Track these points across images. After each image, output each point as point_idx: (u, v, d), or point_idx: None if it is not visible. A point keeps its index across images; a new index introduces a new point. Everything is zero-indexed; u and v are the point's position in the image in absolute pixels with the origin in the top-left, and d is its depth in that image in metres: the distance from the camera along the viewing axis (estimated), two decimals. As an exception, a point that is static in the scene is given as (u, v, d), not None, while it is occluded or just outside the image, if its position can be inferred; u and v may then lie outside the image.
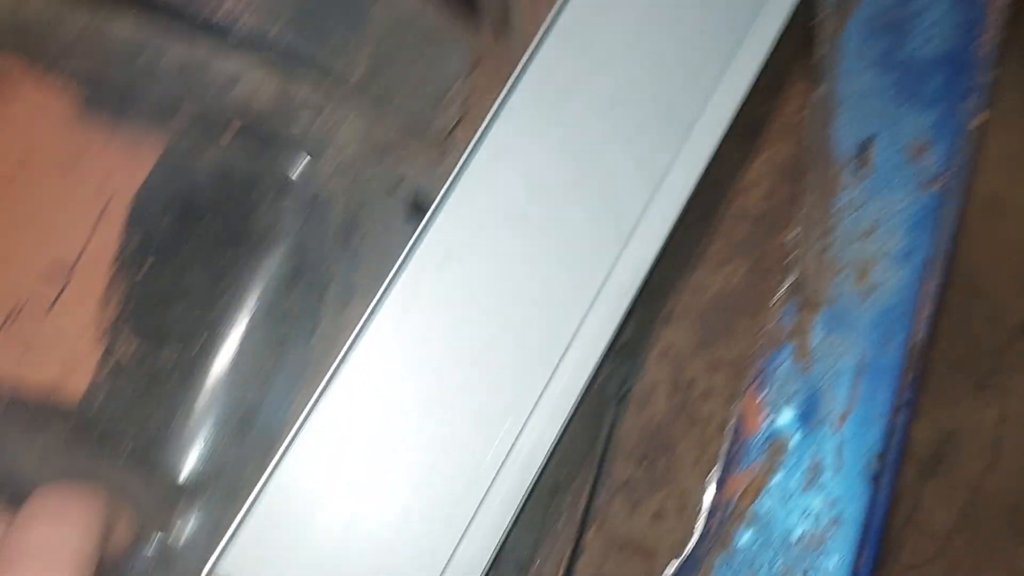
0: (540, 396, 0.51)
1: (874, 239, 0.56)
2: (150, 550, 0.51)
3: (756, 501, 0.54)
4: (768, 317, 0.59)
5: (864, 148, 0.57)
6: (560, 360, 0.51)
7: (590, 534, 0.66)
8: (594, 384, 0.64)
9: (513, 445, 0.51)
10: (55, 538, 0.39)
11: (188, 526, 0.51)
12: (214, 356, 0.51)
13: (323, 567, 0.50)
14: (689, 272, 0.68)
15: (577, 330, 0.51)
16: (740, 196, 0.70)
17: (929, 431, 1.07)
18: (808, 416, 0.55)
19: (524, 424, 0.51)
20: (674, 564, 0.55)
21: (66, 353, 0.51)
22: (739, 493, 0.54)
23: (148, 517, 0.51)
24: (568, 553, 0.69)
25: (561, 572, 0.69)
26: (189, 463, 0.51)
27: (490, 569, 0.52)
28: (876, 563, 0.56)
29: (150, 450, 0.51)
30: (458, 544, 0.50)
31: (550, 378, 0.51)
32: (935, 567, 1.09)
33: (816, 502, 0.54)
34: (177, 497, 0.51)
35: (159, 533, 0.51)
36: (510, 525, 0.51)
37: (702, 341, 0.67)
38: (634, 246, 0.52)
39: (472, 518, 0.51)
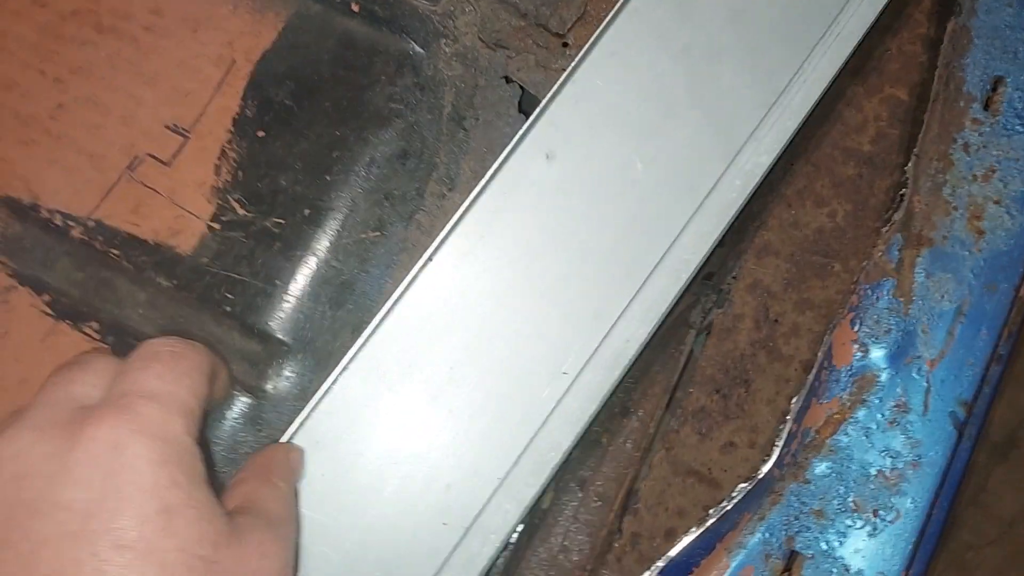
0: (629, 303, 0.51)
1: (992, 183, 0.54)
2: (241, 407, 0.53)
3: (836, 433, 0.53)
4: (867, 261, 0.57)
5: (994, 88, 0.55)
6: (653, 270, 0.51)
7: (656, 458, 0.67)
8: (679, 306, 0.64)
9: (596, 351, 0.51)
10: (169, 384, 0.39)
11: (278, 388, 0.53)
12: (317, 227, 0.53)
13: (399, 448, 0.51)
14: (787, 207, 0.67)
15: (674, 241, 0.51)
16: (849, 136, 0.68)
17: (1007, 412, 1.03)
18: (900, 355, 0.53)
19: (609, 330, 0.51)
20: (743, 487, 0.55)
21: (178, 209, 0.53)
22: (820, 424, 0.54)
23: (241, 375, 0.53)
24: (632, 474, 0.69)
25: (622, 492, 0.70)
26: (285, 327, 0.52)
27: (554, 477, 0.53)
28: (949, 513, 0.55)
29: (250, 310, 0.52)
30: (527, 447, 0.51)
31: (641, 287, 0.51)
32: (994, 550, 1.06)
33: (897, 442, 0.53)
34: (270, 358, 0.53)
35: (250, 392, 0.53)
36: (583, 431, 0.52)
37: (793, 279, 0.66)
38: (742, 164, 0.51)
39: (543, 423, 0.51)
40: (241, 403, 0.52)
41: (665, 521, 0.66)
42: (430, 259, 0.52)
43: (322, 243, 0.53)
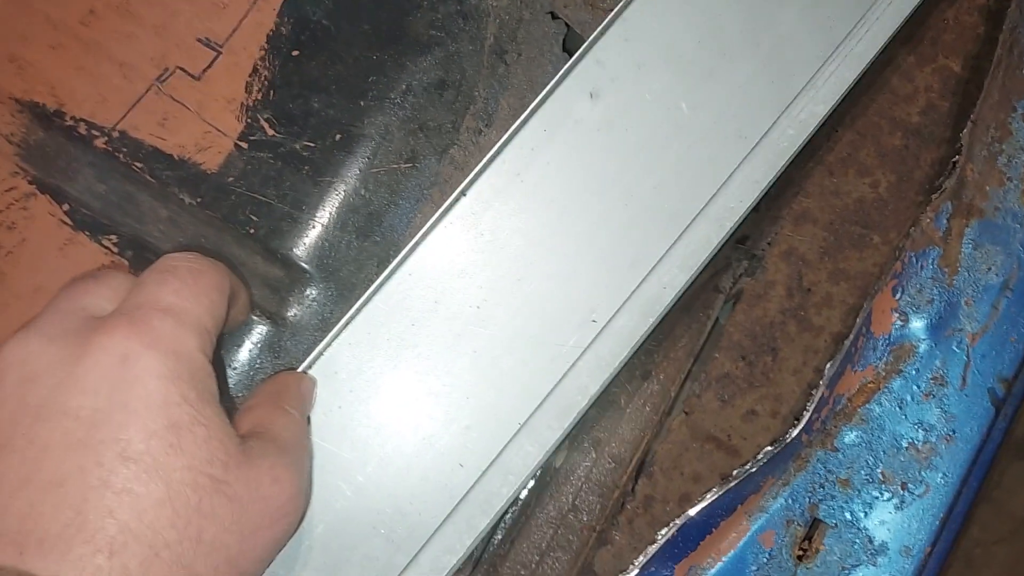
0: (669, 250, 0.49)
1: (1051, 155, 0.52)
2: (260, 333, 0.51)
3: (869, 403, 0.51)
4: (914, 227, 0.55)
5: (1060, 55, 0.52)
6: (696, 217, 0.49)
7: (675, 422, 0.65)
8: (708, 269, 0.62)
9: (631, 296, 0.49)
10: (185, 300, 0.38)
11: (298, 316, 0.51)
12: (347, 154, 0.51)
13: (419, 385, 0.50)
14: (829, 175, 0.65)
15: (720, 188, 0.49)
16: (897, 105, 0.66)
17: (1030, 409, 1.01)
18: (941, 327, 0.52)
19: (646, 276, 0.49)
20: (768, 450, 0.53)
21: (206, 125, 0.51)
22: (853, 391, 0.52)
23: (262, 300, 0.51)
24: (649, 438, 0.68)
25: (638, 455, 0.68)
26: (309, 254, 0.51)
27: (570, 433, 0.52)
28: (978, 492, 0.54)
29: (274, 234, 0.51)
30: (552, 390, 0.50)
31: (682, 233, 0.49)
32: (1003, 548, 1.05)
33: (932, 415, 0.51)
34: (292, 285, 0.51)
35: (269, 318, 0.51)
36: (611, 376, 0.50)
37: (830, 248, 0.64)
38: (796, 112, 0.49)
39: (571, 367, 0.50)
40: (260, 329, 0.51)
41: (680, 486, 0.64)
42: (463, 193, 0.50)
43: (352, 170, 0.51)
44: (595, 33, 0.50)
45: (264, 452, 0.39)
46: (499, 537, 0.68)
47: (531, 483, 0.69)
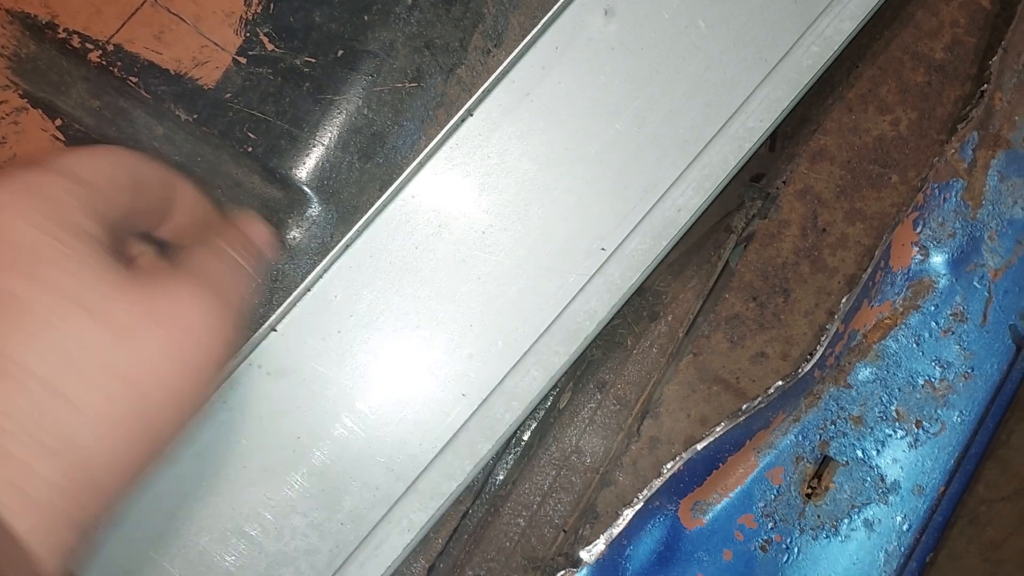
0: (684, 171, 0.47)
1: (1083, 84, 0.50)
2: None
3: (885, 339, 0.50)
4: (937, 158, 0.53)
5: (1097, -20, 0.50)
6: (714, 138, 0.47)
7: (683, 363, 0.64)
8: (716, 208, 0.61)
9: (644, 218, 0.48)
10: (63, 157, 0.36)
11: (297, 238, 0.50)
12: (350, 71, 0.49)
13: (421, 311, 0.48)
14: (848, 111, 0.63)
15: (739, 108, 0.47)
16: (921, 40, 0.63)
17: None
18: (962, 261, 0.50)
19: (660, 198, 0.48)
20: (779, 384, 0.52)
21: (203, 39, 0.49)
22: (868, 327, 0.50)
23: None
24: (655, 379, 0.66)
25: (644, 396, 0.67)
26: (309, 175, 0.49)
27: (586, 350, 0.50)
28: (996, 432, 0.52)
29: (272, 153, 0.49)
30: (559, 315, 0.48)
31: (699, 154, 0.47)
32: (1008, 506, 1.04)
33: (950, 352, 0.49)
34: (291, 207, 0.50)
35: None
36: (622, 301, 0.48)
37: (847, 187, 0.62)
38: (821, 29, 0.47)
39: (579, 291, 0.48)
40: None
41: (686, 428, 0.63)
42: (469, 113, 0.48)
43: (354, 88, 0.49)
44: (610, -53, 0.48)
45: (165, 275, 0.35)
46: (501, 478, 0.67)
47: (533, 424, 0.68)
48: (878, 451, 0.49)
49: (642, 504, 0.49)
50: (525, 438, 0.68)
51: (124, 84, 0.49)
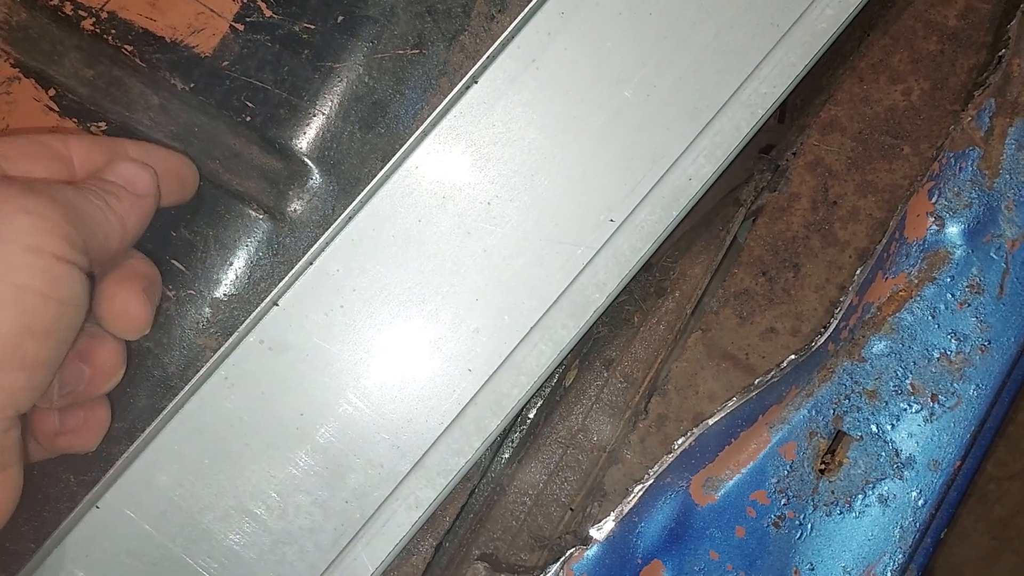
0: (695, 139, 0.46)
1: (1104, 49, 0.48)
2: (259, 229, 0.48)
3: (900, 311, 0.49)
4: (953, 126, 0.52)
5: (1119, -59, 0.48)
6: (725, 104, 0.46)
7: (691, 339, 0.63)
8: (724, 180, 0.59)
9: (653, 188, 0.46)
10: None
11: (297, 210, 0.48)
12: (350, 37, 0.48)
13: (426, 285, 0.47)
14: (859, 81, 0.61)
15: (752, 73, 0.46)
16: (934, 8, 0.62)
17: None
18: (979, 232, 0.49)
19: (671, 167, 0.46)
20: (792, 358, 0.51)
21: (199, 5, 0.48)
22: (883, 299, 0.49)
23: (258, 193, 0.48)
24: (663, 356, 0.65)
25: (651, 374, 0.66)
26: (309, 145, 0.48)
27: (595, 324, 0.49)
28: (1011, 406, 0.51)
29: (271, 123, 0.48)
30: (567, 288, 0.47)
31: (710, 122, 0.46)
32: (1017, 484, 1.03)
33: (967, 325, 0.48)
34: (291, 178, 0.48)
35: (267, 212, 0.48)
36: (631, 273, 0.47)
37: (858, 159, 0.61)
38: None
39: (588, 263, 0.47)
40: (258, 224, 0.48)
41: (695, 405, 0.62)
42: (474, 81, 0.47)
43: (355, 56, 0.48)
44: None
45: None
46: (506, 456, 0.66)
47: (539, 402, 0.67)
48: (893, 425, 0.48)
49: (652, 480, 0.48)
50: (531, 416, 0.67)
51: (118, 52, 0.48)
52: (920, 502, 0.48)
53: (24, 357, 0.33)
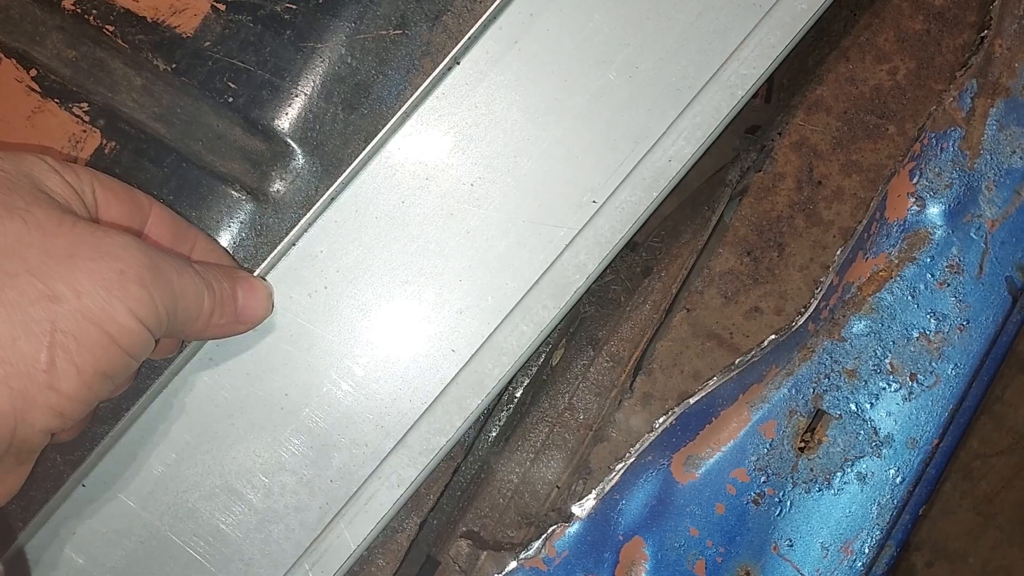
0: (675, 120, 0.46)
1: (1086, 29, 0.48)
2: (242, 210, 0.48)
3: (880, 291, 0.49)
4: (935, 107, 0.52)
5: (1103, -80, 0.48)
6: (705, 85, 0.46)
7: (676, 318, 0.63)
8: (709, 160, 0.59)
9: (634, 170, 0.47)
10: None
11: (280, 191, 0.49)
12: (332, 18, 0.48)
13: (409, 266, 0.47)
14: (845, 61, 0.61)
15: (732, 54, 0.46)
16: (921, -13, 0.62)
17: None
18: (959, 212, 0.49)
19: (651, 148, 0.46)
20: (772, 338, 0.51)
21: (181, -14, 0.48)
22: (863, 279, 0.50)
23: (241, 174, 0.48)
24: (649, 336, 0.66)
25: (637, 353, 0.66)
26: (292, 127, 0.48)
27: (577, 303, 0.49)
28: (991, 385, 0.52)
29: (254, 104, 0.48)
30: (548, 269, 0.47)
31: (690, 103, 0.46)
32: (1002, 461, 1.04)
33: (946, 304, 0.49)
34: (274, 159, 0.48)
35: (250, 194, 0.48)
36: (612, 255, 0.47)
37: (843, 139, 0.61)
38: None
39: (568, 244, 0.47)
40: (241, 205, 0.48)
41: (679, 384, 0.62)
42: (456, 61, 0.47)
43: (337, 36, 0.48)
44: None
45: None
46: (494, 435, 0.67)
47: (526, 381, 0.68)
48: (872, 404, 0.49)
49: (634, 459, 0.49)
50: (518, 395, 0.68)
51: (100, 33, 0.48)
52: (898, 479, 0.48)
53: (88, 393, 0.36)
